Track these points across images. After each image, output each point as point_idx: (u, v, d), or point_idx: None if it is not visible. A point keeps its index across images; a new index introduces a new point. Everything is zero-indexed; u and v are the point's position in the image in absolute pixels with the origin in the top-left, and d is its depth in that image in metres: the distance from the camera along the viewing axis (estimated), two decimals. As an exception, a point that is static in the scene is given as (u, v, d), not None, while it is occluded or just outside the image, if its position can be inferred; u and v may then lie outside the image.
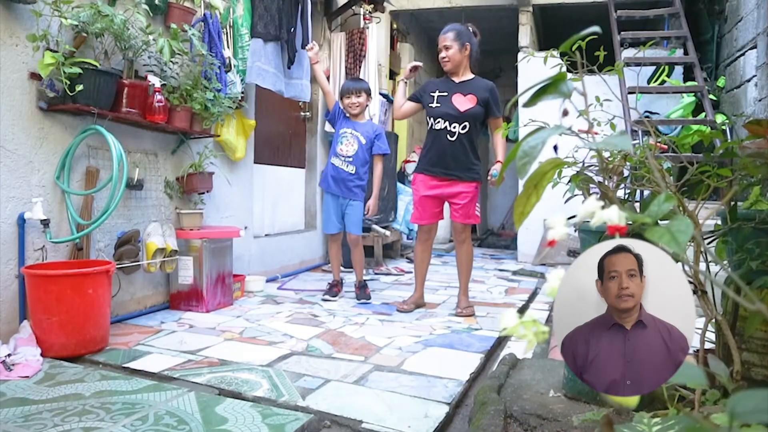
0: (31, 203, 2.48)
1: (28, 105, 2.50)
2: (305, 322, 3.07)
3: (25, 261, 2.50)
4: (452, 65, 3.28)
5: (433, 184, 3.31)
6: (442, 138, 3.25)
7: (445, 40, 3.28)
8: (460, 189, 3.27)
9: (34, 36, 2.37)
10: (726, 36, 4.82)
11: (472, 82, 3.29)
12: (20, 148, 2.47)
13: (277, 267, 4.45)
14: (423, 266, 3.48)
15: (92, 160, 2.80)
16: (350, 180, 3.66)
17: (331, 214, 3.70)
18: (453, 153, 3.24)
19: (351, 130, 3.66)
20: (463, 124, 3.22)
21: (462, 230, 3.33)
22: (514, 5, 5.75)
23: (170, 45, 2.84)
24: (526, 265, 5.53)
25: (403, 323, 3.11)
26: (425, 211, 3.35)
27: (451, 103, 3.25)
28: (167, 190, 3.28)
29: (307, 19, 3.88)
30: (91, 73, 2.51)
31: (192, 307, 3.24)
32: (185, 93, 3.08)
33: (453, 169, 3.26)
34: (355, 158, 3.64)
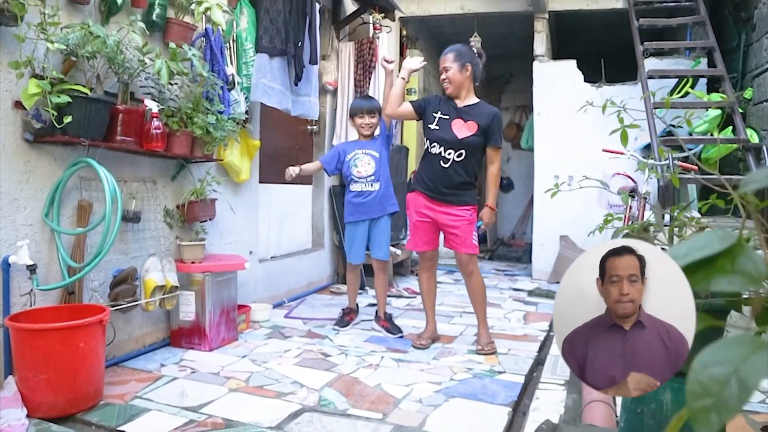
0: (17, 245, 2.26)
1: (13, 137, 2.28)
2: (316, 364, 2.84)
3: (11, 308, 2.28)
4: (453, 88, 3.06)
5: (426, 206, 3.12)
6: (436, 163, 3.06)
7: (444, 61, 3.07)
8: (453, 215, 3.07)
9: (17, 63, 2.15)
10: (754, 45, 4.58)
11: (475, 108, 3.08)
12: (4, 184, 2.25)
13: (283, 291, 4.23)
14: (430, 297, 3.29)
15: (84, 193, 2.57)
16: (381, 198, 3.45)
17: (356, 243, 3.50)
18: (445, 179, 3.05)
19: (361, 151, 3.45)
20: (459, 151, 3.02)
21: (467, 262, 3.11)
22: (529, 12, 5.51)
23: (168, 66, 2.61)
24: (541, 283, 5.30)
25: (420, 364, 2.89)
26: (419, 237, 3.18)
27: (450, 128, 3.04)
28: (167, 219, 3.05)
29: (316, 32, 3.65)
30: (82, 101, 2.29)
31: (194, 345, 3.02)
32: (185, 116, 2.86)
33: (445, 194, 3.07)
34: (378, 177, 3.44)
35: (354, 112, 3.45)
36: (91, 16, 2.56)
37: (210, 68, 3.06)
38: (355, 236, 3.50)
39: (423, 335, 3.24)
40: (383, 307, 3.52)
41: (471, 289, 3.18)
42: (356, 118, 3.44)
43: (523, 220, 8.15)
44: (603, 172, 4.72)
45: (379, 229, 3.49)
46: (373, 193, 3.43)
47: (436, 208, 3.10)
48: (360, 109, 3.42)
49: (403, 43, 6.05)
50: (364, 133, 3.45)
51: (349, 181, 3.50)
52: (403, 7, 5.83)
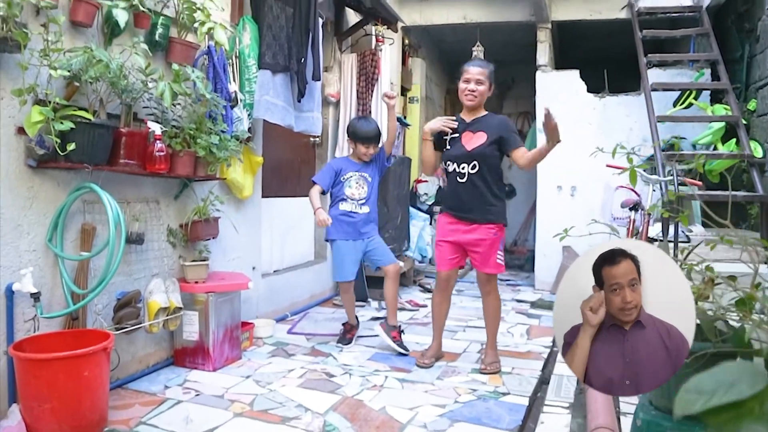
0: (20, 271, 2.25)
1: (16, 163, 2.27)
2: (320, 385, 2.83)
3: (15, 334, 2.27)
4: (478, 102, 3.04)
5: (452, 228, 3.09)
6: (454, 180, 3.05)
7: (479, 74, 3.01)
8: (478, 236, 3.02)
9: (20, 90, 2.14)
10: (758, 57, 4.56)
11: (483, 119, 3.07)
12: (7, 211, 2.24)
13: (286, 305, 4.22)
14: (441, 318, 3.26)
15: (87, 216, 2.57)
16: (367, 221, 3.49)
17: (347, 261, 3.47)
18: (466, 195, 3.02)
19: (357, 173, 3.47)
20: (472, 163, 2.98)
21: (487, 281, 3.10)
22: (532, 21, 5.49)
23: (171, 88, 2.60)
24: (544, 294, 5.29)
25: (424, 385, 2.88)
26: (442, 256, 3.14)
27: (460, 143, 3.04)
28: (170, 239, 3.04)
29: (318, 48, 3.64)
30: (85, 127, 2.28)
31: (198, 365, 3.01)
32: (188, 137, 2.85)
33: (468, 212, 3.03)
34: (368, 200, 3.49)
35: (360, 138, 3.44)
36: (94, 39, 2.55)
37: (213, 86, 3.06)
38: (345, 254, 3.47)
39: (427, 353, 3.22)
40: (394, 317, 3.46)
41: (487, 309, 3.17)
42: (362, 145, 3.43)
43: (525, 227, 8.14)
44: (606, 184, 4.71)
45: (375, 242, 3.51)
46: (361, 216, 3.47)
47: (460, 228, 3.06)
48: (367, 138, 3.44)
49: (406, 51, 6.04)
50: (365, 159, 3.50)
51: (338, 199, 3.50)
52: (405, 16, 5.82)
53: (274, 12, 3.46)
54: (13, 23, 2.06)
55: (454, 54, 7.71)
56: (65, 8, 2.38)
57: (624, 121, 5.17)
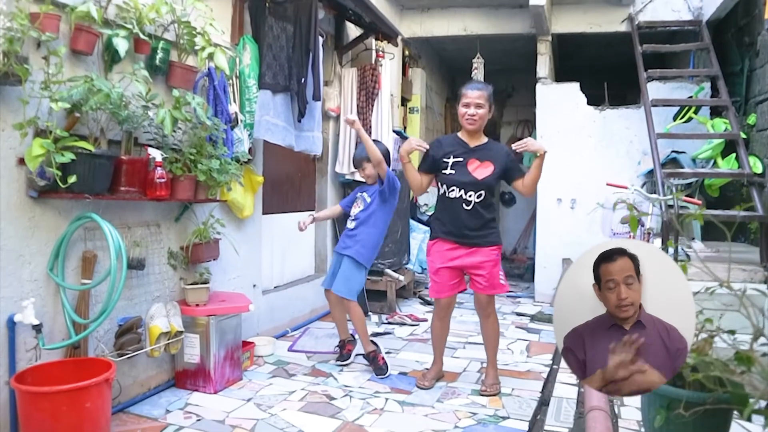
0: (22, 303, 2.25)
1: (17, 194, 2.28)
2: (321, 409, 2.84)
3: (17, 364, 2.28)
4: (478, 126, 3.05)
5: (452, 255, 3.05)
6: (457, 207, 3.01)
7: (479, 97, 3.01)
8: (480, 258, 3.02)
9: (21, 124, 2.15)
10: (757, 71, 4.56)
11: (488, 147, 3.07)
12: (9, 242, 2.25)
13: (287, 321, 4.23)
14: (441, 343, 3.27)
15: (89, 243, 2.57)
16: (352, 234, 3.47)
17: (330, 270, 3.60)
18: (470, 221, 3.01)
19: (364, 194, 3.52)
20: (480, 192, 2.99)
21: (487, 304, 3.11)
22: (532, 34, 5.49)
23: (172, 115, 2.61)
24: (544, 307, 5.30)
25: (424, 408, 2.89)
26: (443, 282, 3.09)
27: (467, 170, 3.01)
28: (171, 261, 3.05)
29: (319, 67, 3.64)
30: (85, 157, 2.28)
31: (199, 387, 3.02)
32: (189, 161, 2.85)
33: (471, 237, 3.02)
34: (356, 217, 3.49)
35: (357, 164, 3.54)
36: (95, 66, 2.56)
37: (213, 108, 3.07)
38: (333, 262, 3.59)
39: (428, 375, 3.23)
40: (365, 345, 3.44)
41: (486, 332, 3.18)
42: (358, 169, 3.54)
43: (525, 235, 8.15)
44: (606, 198, 4.71)
45: (342, 267, 3.45)
46: (348, 232, 3.50)
47: (461, 252, 3.04)
48: (355, 163, 3.57)
49: (406, 62, 6.04)
50: (369, 182, 3.53)
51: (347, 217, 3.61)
52: (405, 27, 5.83)
53: (274, 32, 3.47)
54: (15, 58, 2.07)
55: (454, 62, 7.72)
56: (66, 37, 2.39)
57: (624, 133, 5.18)
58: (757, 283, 3.44)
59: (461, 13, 5.71)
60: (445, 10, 5.74)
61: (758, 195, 3.69)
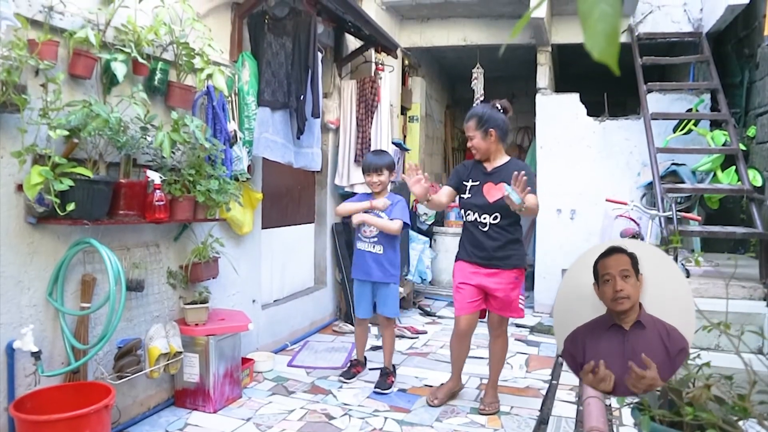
0: (21, 330, 2.26)
1: (16, 220, 2.28)
2: (319, 429, 2.84)
3: (15, 390, 2.28)
4: (480, 155, 3.05)
5: (473, 271, 3.05)
6: (475, 230, 3.03)
7: (468, 129, 3.04)
8: (500, 280, 3.00)
9: (19, 152, 2.15)
10: (757, 83, 4.56)
11: (505, 168, 3.02)
12: (8, 269, 2.25)
13: (286, 334, 4.24)
14: (460, 361, 3.25)
15: (88, 266, 2.58)
16: (380, 262, 3.39)
17: (363, 300, 3.50)
18: (488, 244, 2.99)
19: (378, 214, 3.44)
20: (494, 214, 2.97)
21: (499, 324, 3.11)
22: (532, 44, 5.49)
23: (170, 138, 2.61)
24: (543, 318, 5.30)
25: (423, 427, 2.90)
26: (463, 298, 3.06)
27: (482, 193, 3.01)
28: (170, 281, 3.06)
29: (318, 84, 3.64)
30: (84, 184, 2.28)
31: (198, 407, 3.03)
32: (188, 182, 2.86)
33: (491, 259, 3.00)
34: (380, 237, 3.38)
35: (364, 169, 3.44)
36: (93, 89, 2.56)
37: (212, 127, 3.07)
38: (362, 294, 3.50)
39: (439, 393, 3.21)
40: (388, 362, 3.50)
41: (494, 351, 3.17)
42: (365, 175, 3.44)
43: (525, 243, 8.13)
44: (605, 211, 4.72)
45: (384, 293, 3.44)
46: (376, 257, 3.38)
47: (481, 272, 3.03)
48: (367, 167, 3.40)
49: (405, 72, 6.04)
50: (374, 190, 3.43)
51: (356, 240, 3.50)
52: (405, 37, 5.83)
53: (273, 48, 3.47)
54: (13, 88, 2.07)
55: (454, 69, 7.71)
56: (64, 62, 2.40)
57: (624, 144, 5.18)
58: (757, 300, 3.45)
59: (461, 23, 5.71)
60: (445, 20, 5.74)
61: (757, 211, 3.69)
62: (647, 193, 4.86)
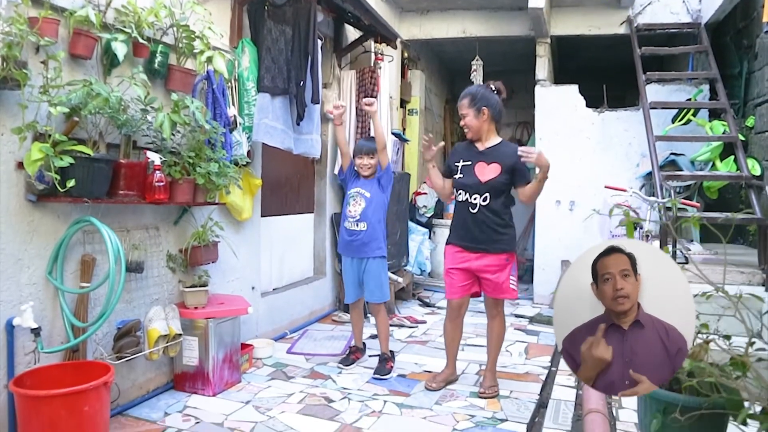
0: (21, 306, 2.26)
1: (16, 198, 2.28)
2: (319, 411, 2.85)
3: (15, 367, 2.28)
4: (472, 133, 3.06)
5: (462, 257, 3.08)
6: (465, 210, 3.04)
7: (461, 107, 3.08)
8: (488, 262, 3.03)
9: (19, 129, 2.15)
10: (756, 74, 4.57)
11: (497, 149, 3.05)
12: (8, 246, 2.26)
13: (286, 323, 4.24)
14: (454, 345, 3.26)
15: (87, 247, 2.58)
16: (364, 236, 3.40)
17: (349, 281, 3.50)
18: (477, 225, 3.01)
19: (359, 189, 3.45)
20: (484, 195, 2.98)
21: (494, 305, 3.13)
22: (531, 36, 5.50)
23: (170, 119, 2.62)
24: (542, 309, 5.31)
25: (422, 410, 2.90)
26: (453, 284, 3.11)
27: (473, 173, 3.02)
28: (170, 264, 3.06)
29: (317, 71, 3.65)
30: (84, 161, 2.29)
31: (197, 390, 3.03)
32: (188, 164, 2.86)
33: (479, 242, 3.02)
34: (364, 215, 3.40)
35: (355, 152, 3.47)
36: (94, 69, 2.57)
37: (212, 111, 3.08)
38: (348, 273, 3.52)
39: (438, 377, 3.23)
40: (384, 347, 3.50)
41: (491, 333, 3.19)
42: (356, 158, 3.44)
43: (523, 237, 8.14)
44: (604, 200, 4.72)
45: (368, 273, 3.44)
46: (359, 234, 3.40)
47: (470, 256, 3.05)
48: (360, 149, 3.43)
49: (405, 64, 6.05)
50: (363, 173, 3.45)
51: (343, 216, 3.53)
52: (404, 30, 5.84)
53: (273, 35, 3.48)
54: (13, 63, 2.07)
55: (454, 63, 7.73)
56: (65, 41, 2.40)
57: (623, 135, 5.19)
58: (756, 286, 3.45)
59: (460, 15, 5.72)
60: (445, 12, 5.76)
61: (756, 198, 3.70)
62: (646, 184, 4.87)
